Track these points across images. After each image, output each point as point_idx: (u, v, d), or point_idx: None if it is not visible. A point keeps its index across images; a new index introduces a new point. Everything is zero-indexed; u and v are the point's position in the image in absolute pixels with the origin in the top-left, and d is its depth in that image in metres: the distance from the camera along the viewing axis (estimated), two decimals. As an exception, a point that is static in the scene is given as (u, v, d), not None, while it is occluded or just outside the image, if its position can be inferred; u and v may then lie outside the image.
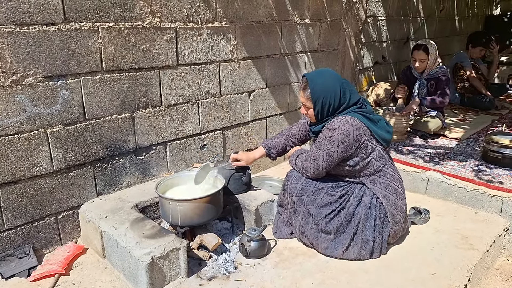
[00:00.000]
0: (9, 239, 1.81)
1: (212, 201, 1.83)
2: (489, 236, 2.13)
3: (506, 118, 3.87)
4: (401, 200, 1.98)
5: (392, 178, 1.96)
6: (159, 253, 1.62)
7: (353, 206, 1.89)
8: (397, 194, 1.96)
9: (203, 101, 2.44)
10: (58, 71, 1.80)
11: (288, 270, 1.83)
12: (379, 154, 1.89)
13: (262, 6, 2.59)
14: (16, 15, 1.64)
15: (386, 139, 1.92)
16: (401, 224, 1.98)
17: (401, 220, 1.97)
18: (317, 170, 1.90)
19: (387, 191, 1.92)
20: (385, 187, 1.92)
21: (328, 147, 1.82)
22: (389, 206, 1.91)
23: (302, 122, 2.22)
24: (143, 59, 2.09)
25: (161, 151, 2.30)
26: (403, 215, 1.99)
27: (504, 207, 2.28)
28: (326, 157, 1.83)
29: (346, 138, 1.78)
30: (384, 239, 1.93)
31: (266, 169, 3.02)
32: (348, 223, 1.89)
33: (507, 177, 2.49)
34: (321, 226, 1.89)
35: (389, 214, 1.91)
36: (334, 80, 1.85)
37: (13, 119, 1.71)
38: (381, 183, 1.92)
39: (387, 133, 1.91)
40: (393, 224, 1.93)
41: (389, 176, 1.94)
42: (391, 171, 1.97)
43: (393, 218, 1.92)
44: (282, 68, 2.89)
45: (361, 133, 1.80)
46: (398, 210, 1.95)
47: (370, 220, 1.89)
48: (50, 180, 1.88)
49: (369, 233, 1.89)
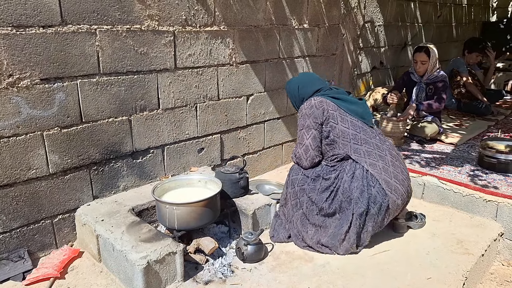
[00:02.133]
0: (4, 242, 1.79)
1: (209, 205, 1.82)
2: (484, 240, 2.13)
3: (502, 123, 3.89)
4: (393, 167, 2.00)
5: (376, 147, 2.03)
6: (155, 257, 1.61)
7: (348, 182, 1.95)
8: (386, 161, 1.99)
9: (201, 105, 2.44)
10: (55, 74, 1.80)
11: (285, 274, 1.82)
12: (351, 124, 2.03)
13: (260, 10, 2.60)
14: (13, 17, 1.63)
15: (357, 112, 2.07)
16: (400, 192, 1.97)
17: (399, 187, 1.96)
18: (308, 152, 2.05)
19: (372, 159, 1.98)
20: (368, 154, 1.99)
21: (302, 123, 2.06)
22: (378, 173, 1.94)
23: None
24: (141, 62, 2.09)
25: (159, 155, 2.30)
26: (401, 182, 1.99)
27: (499, 212, 2.29)
28: (306, 132, 2.04)
29: (312, 109, 2.04)
30: (381, 209, 1.92)
31: (263, 173, 3.02)
32: (349, 200, 1.94)
33: (502, 182, 2.50)
34: (325, 210, 1.97)
35: (382, 181, 1.93)
36: (295, 82, 2.23)
37: (9, 121, 1.70)
38: (364, 151, 1.99)
39: (355, 105, 2.09)
40: (390, 191, 1.93)
41: (372, 144, 2.02)
42: (374, 141, 2.04)
43: (388, 185, 1.93)
44: (280, 73, 2.90)
45: (322, 104, 2.04)
46: (391, 176, 1.96)
47: (364, 192, 1.92)
48: (46, 183, 1.87)
49: (363, 204, 1.92)
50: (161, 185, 1.95)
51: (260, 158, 2.96)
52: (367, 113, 2.13)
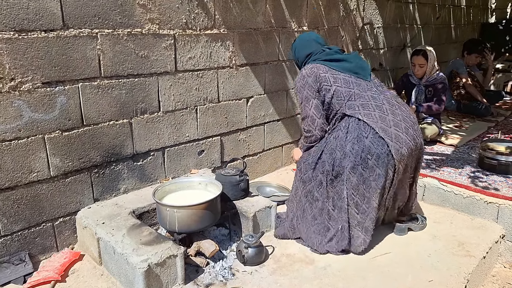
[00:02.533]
0: (5, 245, 1.79)
1: (209, 208, 1.83)
2: (485, 243, 2.13)
3: (501, 124, 3.90)
4: (393, 116, 1.94)
5: (372, 98, 1.98)
6: (156, 260, 1.61)
7: (343, 138, 1.94)
8: (383, 110, 1.94)
9: (201, 107, 2.45)
10: (56, 77, 1.81)
11: (286, 277, 1.82)
12: (344, 82, 2.00)
13: (260, 13, 2.61)
14: (15, 22, 1.64)
15: (349, 68, 2.03)
16: (403, 140, 1.90)
17: (401, 135, 1.90)
18: (314, 122, 2.02)
19: (367, 109, 1.94)
20: (363, 107, 1.95)
21: (300, 96, 2.05)
22: (375, 121, 1.90)
23: None
24: (142, 65, 2.09)
25: (159, 157, 2.30)
26: (405, 130, 1.92)
27: (500, 213, 2.29)
28: (307, 103, 2.02)
29: (304, 79, 2.03)
30: (380, 159, 1.86)
31: (263, 175, 3.02)
32: (345, 156, 1.93)
33: (503, 184, 2.50)
34: (336, 170, 1.95)
35: (378, 129, 1.87)
36: (294, 45, 2.24)
37: (11, 125, 1.71)
38: (358, 105, 1.96)
39: (347, 62, 2.04)
40: (389, 139, 1.87)
41: (366, 97, 1.98)
42: (370, 93, 2.00)
43: (386, 133, 1.87)
44: (280, 75, 2.91)
45: (313, 70, 2.02)
46: (390, 124, 1.90)
47: (360, 142, 1.89)
48: (47, 186, 1.88)
49: (357, 157, 1.90)
50: (161, 187, 1.95)
51: (260, 160, 2.97)
52: (360, 67, 2.07)
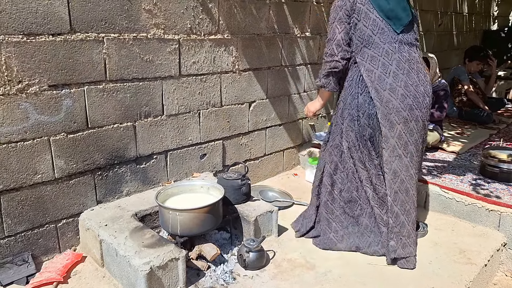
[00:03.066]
0: (9, 246, 1.81)
1: (211, 211, 1.84)
2: (487, 250, 2.13)
3: (503, 132, 3.90)
4: (393, 79, 1.83)
5: (385, 53, 1.84)
6: (158, 263, 1.62)
7: (346, 89, 1.96)
8: (387, 70, 1.83)
9: (204, 111, 2.47)
10: (62, 80, 1.83)
11: (287, 282, 1.83)
12: (373, 23, 1.84)
13: (263, 19, 2.64)
14: (24, 25, 1.67)
15: (384, 8, 1.84)
16: (395, 107, 1.83)
17: (393, 101, 1.82)
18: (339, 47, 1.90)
19: (372, 64, 1.85)
20: (371, 60, 1.86)
21: (334, 16, 1.92)
22: (371, 80, 1.84)
23: None
24: (146, 70, 2.12)
25: (162, 160, 2.32)
26: (400, 98, 1.83)
27: (502, 221, 2.29)
28: (338, 24, 1.89)
29: (334, 8, 1.92)
30: (371, 119, 1.88)
31: (265, 179, 3.04)
32: (347, 109, 1.97)
33: (504, 191, 2.51)
34: (346, 125, 1.99)
35: (372, 90, 1.84)
36: None
37: (17, 126, 1.73)
38: (369, 55, 1.86)
39: (386, 3, 1.84)
40: (380, 102, 1.83)
41: (381, 49, 1.85)
42: (387, 47, 1.85)
43: (378, 95, 1.83)
44: (282, 80, 2.93)
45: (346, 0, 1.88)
46: (386, 87, 1.83)
47: (355, 99, 1.90)
48: (51, 187, 1.89)
49: (353, 111, 1.90)
50: (164, 190, 1.97)
51: (262, 164, 2.99)
52: (395, 13, 1.86)
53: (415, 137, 1.91)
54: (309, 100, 3.22)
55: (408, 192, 1.95)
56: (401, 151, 1.90)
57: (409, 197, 1.96)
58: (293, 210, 2.57)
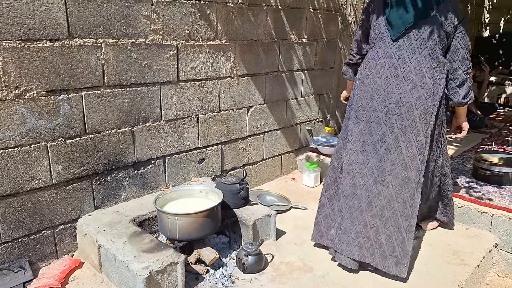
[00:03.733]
0: (5, 252, 1.80)
1: (210, 216, 1.84)
2: (479, 251, 2.17)
3: (495, 136, 3.96)
4: (370, 83, 1.92)
5: (376, 58, 1.92)
6: (157, 267, 1.62)
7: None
8: (369, 75, 1.94)
9: (202, 116, 2.48)
10: (60, 86, 1.83)
11: (285, 285, 1.84)
12: (378, 26, 1.93)
13: (261, 25, 2.67)
14: (22, 31, 1.68)
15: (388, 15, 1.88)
16: (361, 105, 1.95)
17: (362, 99, 1.95)
18: (352, 42, 2.19)
19: (363, 65, 2.02)
20: (365, 61, 2.02)
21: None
22: (357, 79, 2.04)
23: None
24: (145, 75, 2.13)
25: (160, 165, 2.32)
26: (368, 97, 1.92)
27: (494, 223, 2.33)
28: (359, 27, 2.11)
29: (368, 3, 2.07)
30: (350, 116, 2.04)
31: (263, 183, 3.05)
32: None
33: (496, 194, 2.55)
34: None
35: (354, 88, 2.05)
36: None
37: (14, 132, 1.73)
38: (367, 56, 2.01)
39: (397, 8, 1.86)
40: (356, 100, 2.00)
41: (375, 54, 1.93)
42: (381, 51, 1.91)
43: (355, 93, 2.03)
44: (280, 85, 2.95)
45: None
46: (362, 88, 1.97)
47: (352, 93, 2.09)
48: (49, 193, 1.89)
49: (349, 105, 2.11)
50: (162, 195, 1.97)
51: (260, 168, 3.00)
52: (394, 21, 1.87)
53: (374, 138, 1.92)
54: (307, 105, 3.25)
55: (355, 188, 1.95)
56: (358, 147, 1.97)
57: (354, 197, 1.95)
58: (291, 214, 2.59)
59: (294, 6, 2.87)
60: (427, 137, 1.89)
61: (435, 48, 1.87)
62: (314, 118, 3.37)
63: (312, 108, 3.31)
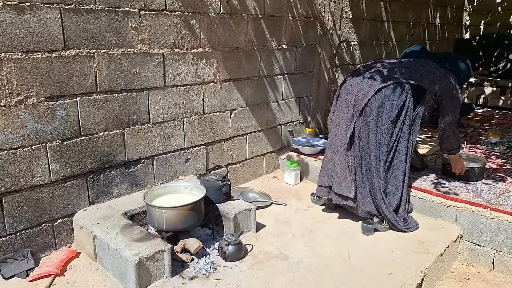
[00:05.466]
0: (10, 243, 1.99)
1: (193, 209, 2.04)
2: (443, 242, 2.35)
3: (470, 135, 4.17)
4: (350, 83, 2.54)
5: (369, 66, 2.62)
6: (146, 254, 1.82)
7: None
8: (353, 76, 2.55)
9: (187, 119, 2.68)
10: (57, 92, 2.03)
11: (262, 271, 2.04)
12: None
13: (242, 33, 2.87)
14: (23, 44, 1.87)
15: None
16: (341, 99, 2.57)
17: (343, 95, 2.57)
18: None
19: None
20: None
21: None
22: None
23: None
24: (134, 81, 2.32)
25: (149, 164, 2.52)
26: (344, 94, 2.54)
27: (459, 216, 2.51)
28: None
29: None
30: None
31: (246, 181, 3.24)
32: None
33: (462, 189, 2.72)
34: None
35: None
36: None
37: (17, 134, 1.92)
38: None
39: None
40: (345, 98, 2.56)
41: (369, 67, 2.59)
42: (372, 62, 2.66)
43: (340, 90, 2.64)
44: (261, 89, 3.15)
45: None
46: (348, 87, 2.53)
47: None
48: (48, 190, 2.08)
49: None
50: (151, 191, 2.17)
51: (243, 167, 3.20)
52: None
53: (340, 124, 2.51)
54: (287, 107, 3.45)
55: (337, 152, 2.52)
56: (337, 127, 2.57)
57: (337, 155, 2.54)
58: (271, 209, 2.79)
59: (274, 14, 3.07)
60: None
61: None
62: (295, 119, 3.58)
63: (293, 110, 3.51)
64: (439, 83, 2.41)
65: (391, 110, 2.32)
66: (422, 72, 2.44)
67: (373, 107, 2.33)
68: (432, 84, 2.41)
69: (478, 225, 2.43)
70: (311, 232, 2.46)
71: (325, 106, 3.83)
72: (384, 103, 2.32)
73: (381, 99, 2.32)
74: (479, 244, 2.44)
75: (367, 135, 2.39)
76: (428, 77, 2.42)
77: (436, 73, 2.45)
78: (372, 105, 2.34)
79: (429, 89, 2.41)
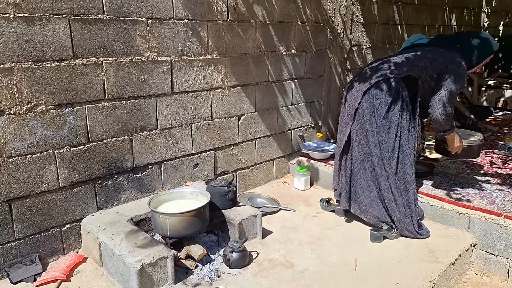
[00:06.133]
0: (18, 248, 2.04)
1: (197, 215, 2.05)
2: (454, 250, 2.28)
3: (488, 139, 4.05)
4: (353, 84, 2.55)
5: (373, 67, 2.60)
6: (149, 261, 1.83)
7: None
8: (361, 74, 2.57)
9: (195, 125, 2.69)
10: (66, 100, 2.07)
11: (266, 279, 2.02)
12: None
13: (250, 39, 2.87)
14: (33, 54, 1.92)
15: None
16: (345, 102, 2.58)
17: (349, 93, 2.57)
18: None
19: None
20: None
21: None
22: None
23: None
24: (141, 88, 2.36)
25: (156, 170, 2.54)
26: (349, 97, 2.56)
27: (471, 224, 2.44)
28: None
29: None
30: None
31: (256, 187, 3.23)
32: None
33: (476, 195, 2.64)
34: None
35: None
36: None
37: (26, 141, 1.97)
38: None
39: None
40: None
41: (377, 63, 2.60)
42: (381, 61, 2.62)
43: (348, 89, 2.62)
44: (270, 94, 3.15)
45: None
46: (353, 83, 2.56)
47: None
48: (56, 195, 2.12)
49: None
50: (156, 197, 2.18)
51: (252, 173, 3.19)
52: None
53: (342, 127, 2.55)
54: (297, 112, 3.44)
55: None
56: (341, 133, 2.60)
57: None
58: (279, 215, 2.77)
59: (282, 20, 3.07)
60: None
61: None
62: (306, 124, 3.55)
63: (303, 115, 3.49)
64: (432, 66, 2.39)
65: (380, 108, 2.34)
66: (416, 61, 2.44)
67: (364, 108, 2.37)
68: (423, 70, 2.39)
69: (492, 233, 2.35)
70: (319, 239, 2.42)
71: (336, 110, 3.79)
72: (373, 102, 2.35)
73: (370, 99, 2.36)
74: (493, 253, 2.36)
75: (365, 137, 2.40)
76: (419, 64, 2.41)
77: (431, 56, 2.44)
78: (363, 107, 2.38)
79: (421, 76, 2.40)
